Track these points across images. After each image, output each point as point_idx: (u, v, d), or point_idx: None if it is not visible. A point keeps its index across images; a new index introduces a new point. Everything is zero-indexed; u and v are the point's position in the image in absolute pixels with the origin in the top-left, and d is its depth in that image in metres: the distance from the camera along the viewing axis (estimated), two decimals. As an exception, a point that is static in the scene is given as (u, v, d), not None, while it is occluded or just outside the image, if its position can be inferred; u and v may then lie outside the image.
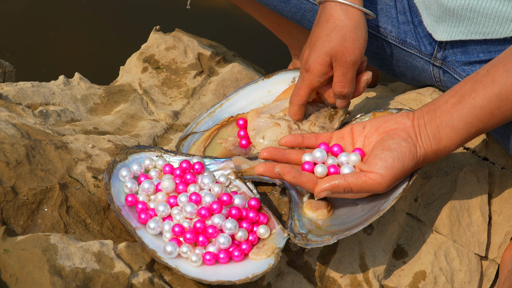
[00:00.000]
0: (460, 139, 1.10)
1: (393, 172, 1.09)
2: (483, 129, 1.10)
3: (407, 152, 1.09)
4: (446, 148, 1.11)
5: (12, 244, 0.98)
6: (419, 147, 1.10)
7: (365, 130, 1.16)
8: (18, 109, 1.29)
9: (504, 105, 1.06)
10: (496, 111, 1.07)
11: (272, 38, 1.92)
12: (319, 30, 1.24)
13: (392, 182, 1.09)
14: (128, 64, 1.63)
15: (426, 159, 1.12)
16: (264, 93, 1.37)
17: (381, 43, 1.42)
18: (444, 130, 1.10)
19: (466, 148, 1.38)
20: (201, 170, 1.19)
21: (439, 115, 1.11)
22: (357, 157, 1.13)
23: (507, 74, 1.05)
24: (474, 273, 1.27)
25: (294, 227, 1.13)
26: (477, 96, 1.08)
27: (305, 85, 1.26)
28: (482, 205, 1.31)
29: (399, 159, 1.09)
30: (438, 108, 1.11)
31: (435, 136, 1.10)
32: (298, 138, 1.18)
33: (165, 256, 1.08)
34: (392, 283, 1.22)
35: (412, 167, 1.11)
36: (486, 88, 1.07)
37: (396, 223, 1.26)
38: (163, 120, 1.44)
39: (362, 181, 1.09)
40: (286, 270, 1.16)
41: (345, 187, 1.09)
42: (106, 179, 1.16)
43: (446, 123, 1.10)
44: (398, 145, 1.09)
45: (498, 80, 1.06)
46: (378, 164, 1.09)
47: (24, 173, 1.10)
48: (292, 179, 1.11)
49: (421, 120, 1.12)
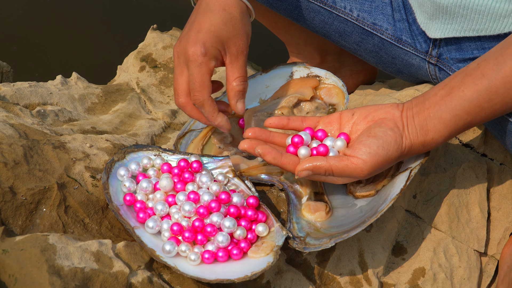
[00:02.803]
0: (448, 131, 1.10)
1: (376, 159, 1.08)
2: (471, 123, 1.09)
3: (392, 141, 1.08)
4: (433, 140, 1.10)
5: (10, 244, 0.98)
6: (405, 138, 1.10)
7: (353, 117, 1.15)
8: (15, 109, 1.29)
9: (493, 98, 1.06)
10: (485, 104, 1.07)
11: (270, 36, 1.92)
12: (204, 15, 1.19)
13: (374, 169, 1.09)
14: (125, 63, 1.63)
15: (412, 150, 1.11)
16: (262, 88, 1.37)
17: (377, 40, 1.42)
18: (431, 122, 1.10)
19: (464, 144, 1.38)
20: (199, 168, 1.19)
21: (428, 106, 1.10)
22: (342, 143, 1.13)
23: (497, 68, 1.05)
24: (474, 269, 1.27)
25: (293, 230, 1.13)
26: (466, 89, 1.07)
27: (203, 71, 1.17)
28: (481, 201, 1.31)
29: (384, 147, 1.08)
30: (427, 100, 1.11)
31: (423, 127, 1.10)
32: (283, 120, 1.18)
33: (164, 255, 1.07)
34: (391, 280, 1.22)
35: (396, 157, 1.10)
36: (475, 81, 1.07)
37: (395, 220, 1.26)
38: (160, 119, 1.44)
39: (344, 164, 1.08)
40: (285, 268, 1.16)
41: (327, 169, 1.09)
42: (104, 179, 1.15)
43: (434, 114, 1.09)
44: (384, 134, 1.09)
45: (488, 74, 1.06)
46: (362, 149, 1.08)
47: (22, 173, 1.10)
48: (272, 160, 1.11)
49: (410, 111, 1.11)
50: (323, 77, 1.35)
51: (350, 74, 1.69)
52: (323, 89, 1.33)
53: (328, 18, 1.44)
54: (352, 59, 1.68)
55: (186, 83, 1.19)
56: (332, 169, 1.09)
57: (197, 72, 1.17)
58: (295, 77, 1.36)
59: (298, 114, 1.31)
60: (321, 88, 1.34)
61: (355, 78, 1.70)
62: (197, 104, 1.19)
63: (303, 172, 1.09)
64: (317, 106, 1.32)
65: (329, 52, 1.65)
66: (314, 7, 1.43)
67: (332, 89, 1.33)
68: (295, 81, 1.35)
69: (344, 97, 1.31)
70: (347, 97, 1.30)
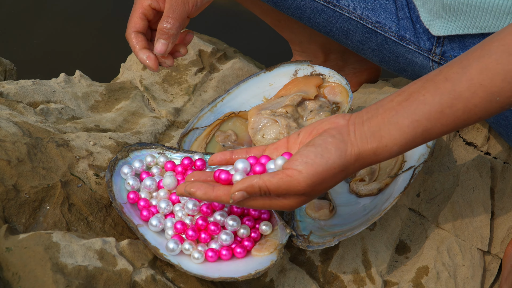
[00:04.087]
0: (405, 138, 0.97)
1: (314, 169, 0.96)
2: (431, 131, 0.96)
3: (332, 148, 0.97)
4: (387, 148, 0.97)
5: (14, 242, 0.98)
6: (350, 145, 0.97)
7: (299, 137, 1.05)
8: (19, 107, 1.29)
9: (456, 103, 0.94)
10: (447, 109, 0.94)
11: (273, 34, 1.91)
12: None
13: (313, 180, 0.97)
14: (129, 61, 1.63)
15: (361, 158, 0.98)
16: (266, 87, 1.37)
17: (381, 39, 1.42)
18: (386, 128, 0.97)
19: (468, 143, 1.38)
20: (203, 166, 1.19)
21: (382, 112, 0.98)
22: (282, 161, 1.01)
23: (462, 71, 0.94)
24: (477, 268, 1.26)
25: (297, 229, 1.13)
26: (427, 93, 0.95)
27: (136, 8, 1.20)
28: (484, 200, 1.31)
29: (323, 155, 0.96)
30: (381, 106, 0.99)
31: (374, 133, 0.98)
32: (226, 154, 1.07)
33: (167, 253, 1.08)
34: (395, 278, 1.22)
35: (340, 165, 0.97)
36: (437, 84, 0.96)
37: (399, 219, 1.26)
38: (164, 117, 1.44)
39: (278, 178, 0.97)
40: (289, 266, 1.16)
41: (261, 186, 0.97)
42: (107, 177, 1.15)
43: (390, 120, 0.97)
44: (324, 141, 0.98)
45: (451, 77, 0.95)
46: (298, 160, 0.97)
47: (25, 171, 1.10)
48: (203, 196, 1.01)
49: (359, 119, 0.99)
50: (327, 75, 1.34)
51: (354, 73, 1.69)
52: (327, 87, 1.33)
53: (331, 16, 1.43)
54: (355, 58, 1.68)
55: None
56: (267, 185, 0.97)
57: (132, 9, 1.21)
58: (298, 75, 1.36)
59: (302, 112, 1.31)
60: (325, 86, 1.33)
61: (359, 77, 1.70)
62: (126, 38, 1.22)
63: (237, 195, 0.98)
64: (321, 105, 1.32)
65: (332, 50, 1.65)
66: (318, 6, 1.43)
67: (336, 88, 1.33)
68: (299, 79, 1.35)
69: (347, 95, 1.31)
70: (351, 95, 1.30)
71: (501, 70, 0.91)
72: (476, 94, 0.93)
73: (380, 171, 1.23)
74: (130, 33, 1.21)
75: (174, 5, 1.17)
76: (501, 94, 0.92)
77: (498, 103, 0.93)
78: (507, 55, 0.91)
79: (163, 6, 1.20)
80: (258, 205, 1.00)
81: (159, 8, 1.20)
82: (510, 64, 0.91)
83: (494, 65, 0.92)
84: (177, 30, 1.18)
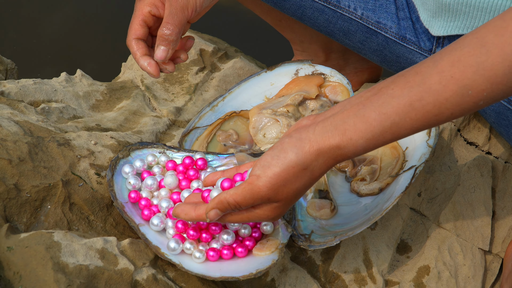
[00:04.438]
0: (371, 131, 0.91)
1: (271, 171, 0.94)
2: (400, 125, 0.91)
3: (288, 148, 0.93)
4: (352, 141, 0.92)
5: (15, 242, 0.98)
6: (308, 141, 0.93)
7: None
8: (20, 106, 1.29)
9: (426, 96, 0.89)
10: (416, 103, 0.89)
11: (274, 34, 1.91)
12: None
13: (272, 182, 0.94)
14: (130, 61, 1.63)
15: (323, 154, 0.94)
16: (267, 86, 1.37)
17: (382, 39, 1.42)
18: (351, 120, 0.92)
19: (469, 143, 1.38)
20: (204, 166, 1.19)
21: (348, 108, 0.93)
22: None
23: (433, 64, 0.90)
24: (478, 267, 1.26)
25: (298, 228, 1.13)
26: (396, 87, 0.91)
27: (136, 15, 1.20)
28: (485, 200, 1.31)
29: (279, 156, 0.93)
30: (349, 103, 0.94)
31: (337, 127, 0.93)
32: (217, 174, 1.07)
33: (168, 253, 1.08)
34: (396, 278, 1.22)
35: (300, 164, 0.94)
36: (407, 78, 0.91)
37: (400, 218, 1.26)
38: (165, 116, 1.44)
39: (242, 188, 0.95)
40: (290, 266, 1.16)
41: (229, 200, 0.96)
42: (109, 176, 1.15)
43: (356, 113, 0.92)
44: (280, 143, 0.95)
45: (422, 71, 0.90)
46: (257, 165, 0.95)
47: (26, 170, 1.10)
48: (186, 217, 1.02)
49: (323, 116, 0.96)
50: (328, 74, 1.34)
51: (355, 72, 1.69)
52: (328, 86, 1.33)
53: (332, 17, 1.43)
54: (356, 57, 1.68)
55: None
56: (234, 198, 0.96)
57: (132, 16, 1.20)
58: (300, 74, 1.36)
59: (303, 112, 1.31)
60: (326, 85, 1.34)
61: (360, 76, 1.70)
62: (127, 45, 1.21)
63: (210, 213, 0.98)
64: (322, 104, 1.32)
65: (333, 49, 1.65)
66: (318, 6, 1.43)
67: (337, 87, 1.33)
68: (300, 78, 1.35)
69: (349, 95, 1.31)
70: (352, 95, 1.30)
71: (473, 62, 0.87)
72: (446, 87, 0.88)
73: (381, 170, 1.23)
74: (131, 40, 1.20)
75: (174, 11, 1.17)
76: (473, 87, 0.87)
77: (471, 97, 0.88)
78: (480, 46, 0.87)
79: (163, 12, 1.19)
80: (238, 220, 1.00)
81: (159, 15, 1.20)
82: (483, 55, 0.86)
83: (466, 57, 0.87)
84: (177, 36, 1.18)
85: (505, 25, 0.86)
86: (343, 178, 1.25)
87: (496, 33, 0.86)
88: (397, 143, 1.24)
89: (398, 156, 1.23)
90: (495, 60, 0.86)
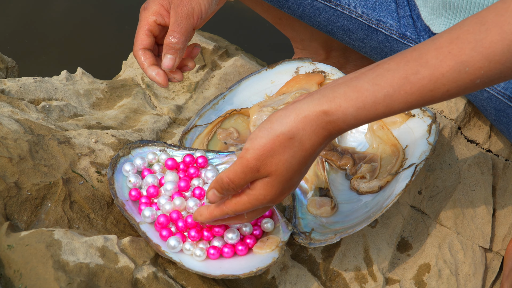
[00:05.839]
0: (363, 101, 0.89)
1: (257, 142, 0.93)
2: (394, 97, 0.89)
3: (274, 119, 0.92)
4: (342, 109, 0.90)
5: (15, 240, 0.98)
6: (293, 111, 0.92)
7: None
8: (21, 104, 1.29)
9: (422, 70, 0.88)
10: (411, 76, 0.88)
11: (274, 32, 1.91)
12: None
13: (259, 153, 0.93)
14: (130, 59, 1.63)
15: (310, 121, 0.91)
16: (268, 84, 1.36)
17: (382, 37, 1.42)
18: (341, 89, 0.90)
19: (469, 140, 1.38)
20: (205, 164, 1.19)
21: (341, 81, 0.92)
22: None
23: (432, 42, 0.89)
24: (479, 265, 1.26)
25: (298, 226, 1.13)
26: (393, 62, 0.90)
27: (141, 25, 1.19)
28: (486, 197, 1.31)
29: (264, 127, 0.93)
30: (343, 78, 0.93)
31: (326, 95, 0.91)
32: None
33: (169, 251, 1.08)
34: (397, 276, 1.22)
35: (286, 133, 0.92)
36: (404, 54, 0.90)
37: (400, 216, 1.26)
38: (166, 114, 1.44)
39: (233, 164, 0.95)
40: (291, 264, 1.16)
41: (222, 177, 0.96)
42: (109, 174, 1.16)
43: (348, 84, 0.90)
44: (269, 116, 0.95)
45: (420, 47, 0.89)
46: (247, 140, 0.95)
47: (27, 168, 1.10)
48: (201, 217, 1.04)
49: (315, 90, 0.95)
50: (328, 72, 1.34)
51: (355, 70, 1.69)
52: (329, 84, 1.33)
53: (332, 15, 1.43)
54: (357, 55, 1.68)
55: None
56: (227, 175, 0.95)
57: (138, 26, 1.19)
58: (300, 72, 1.36)
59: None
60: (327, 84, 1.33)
61: (360, 74, 1.70)
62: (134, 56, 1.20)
63: (209, 194, 0.99)
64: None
65: (334, 47, 1.65)
66: (319, 5, 1.43)
67: (337, 85, 1.33)
68: (301, 76, 1.35)
69: (349, 92, 1.31)
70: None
71: (472, 39, 0.86)
72: (443, 62, 0.87)
73: (381, 168, 1.23)
74: (138, 50, 1.19)
75: (179, 19, 1.16)
76: (471, 64, 0.86)
77: (468, 74, 0.87)
78: (479, 25, 0.86)
79: (168, 20, 1.18)
80: (240, 207, 0.98)
81: (164, 23, 1.18)
82: (482, 33, 0.86)
83: (465, 35, 0.87)
84: (184, 44, 1.17)
85: (505, 6, 0.86)
86: (343, 175, 1.25)
87: (497, 13, 0.86)
88: (397, 141, 1.24)
89: (398, 153, 1.23)
90: (494, 38, 0.85)
